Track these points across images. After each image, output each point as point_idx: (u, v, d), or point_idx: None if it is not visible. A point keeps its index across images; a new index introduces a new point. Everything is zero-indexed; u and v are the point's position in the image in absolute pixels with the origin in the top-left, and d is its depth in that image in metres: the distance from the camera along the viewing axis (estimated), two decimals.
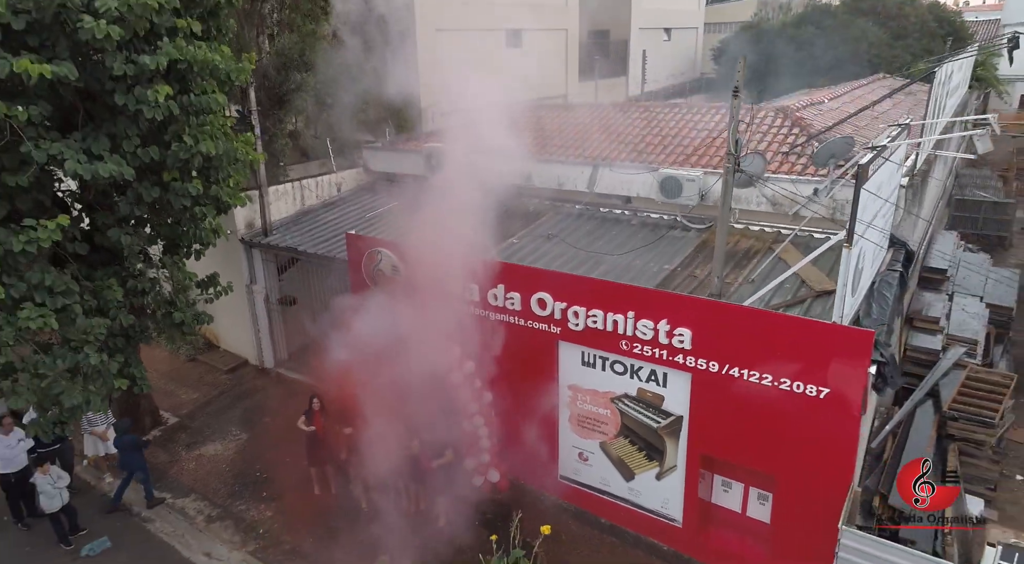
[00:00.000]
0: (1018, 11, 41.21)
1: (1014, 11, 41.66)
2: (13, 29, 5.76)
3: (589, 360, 9.76)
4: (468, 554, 9.13)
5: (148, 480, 10.83)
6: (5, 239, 6.02)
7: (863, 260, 8.31)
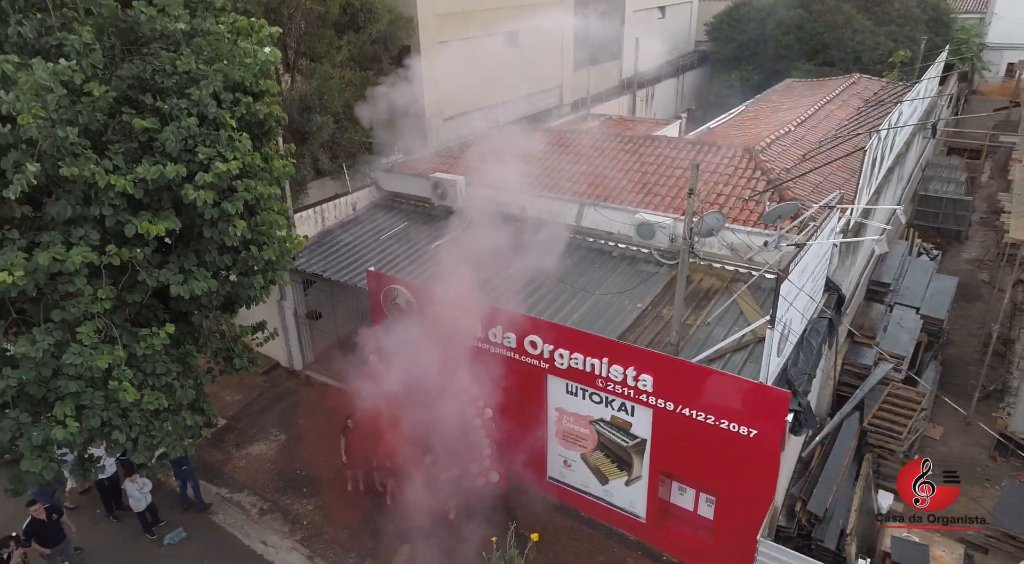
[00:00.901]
0: None
1: None
2: (135, 197, 7.66)
3: (572, 390, 11.93)
4: (474, 544, 11.52)
5: (197, 488, 13.11)
6: (131, 343, 8.05)
7: (788, 327, 10.37)
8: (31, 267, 7.06)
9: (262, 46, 9.14)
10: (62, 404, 7.55)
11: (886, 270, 17.67)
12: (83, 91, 7.29)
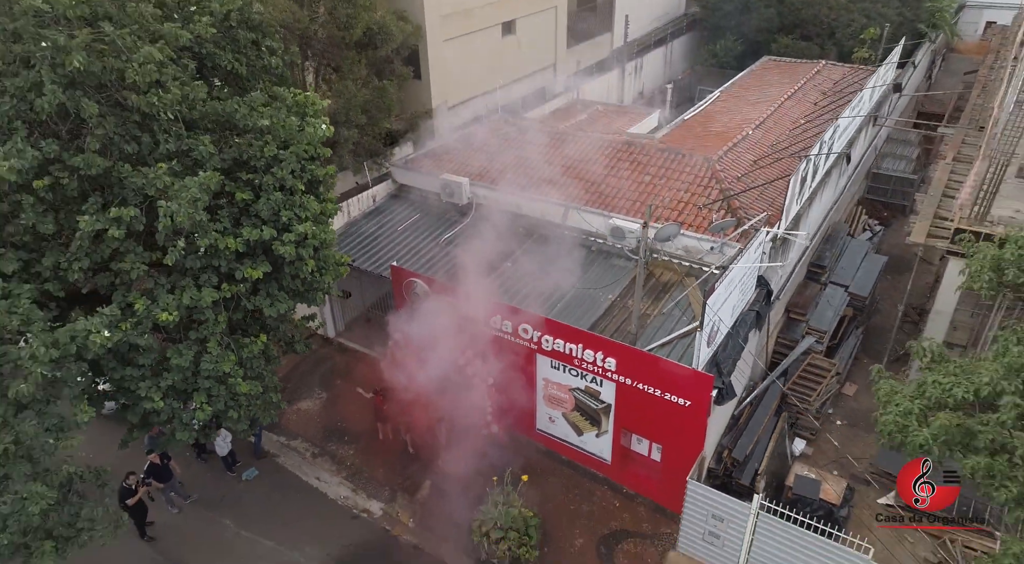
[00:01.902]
0: None
1: None
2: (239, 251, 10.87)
3: (555, 366, 15.39)
4: (480, 482, 15.21)
5: (259, 441, 16.75)
6: (238, 351, 11.39)
7: (716, 325, 13.70)
8: (177, 304, 10.33)
9: (316, 118, 12.12)
10: (198, 395, 10.97)
11: (827, 252, 20.91)
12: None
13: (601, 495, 15.60)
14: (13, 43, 9.09)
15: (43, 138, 9.45)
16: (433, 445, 16.11)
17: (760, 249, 14.88)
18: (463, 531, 14.54)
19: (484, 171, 19.70)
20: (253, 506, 15.56)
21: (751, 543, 12.93)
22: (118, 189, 9.95)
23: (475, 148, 20.67)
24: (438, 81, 23.62)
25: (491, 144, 20.57)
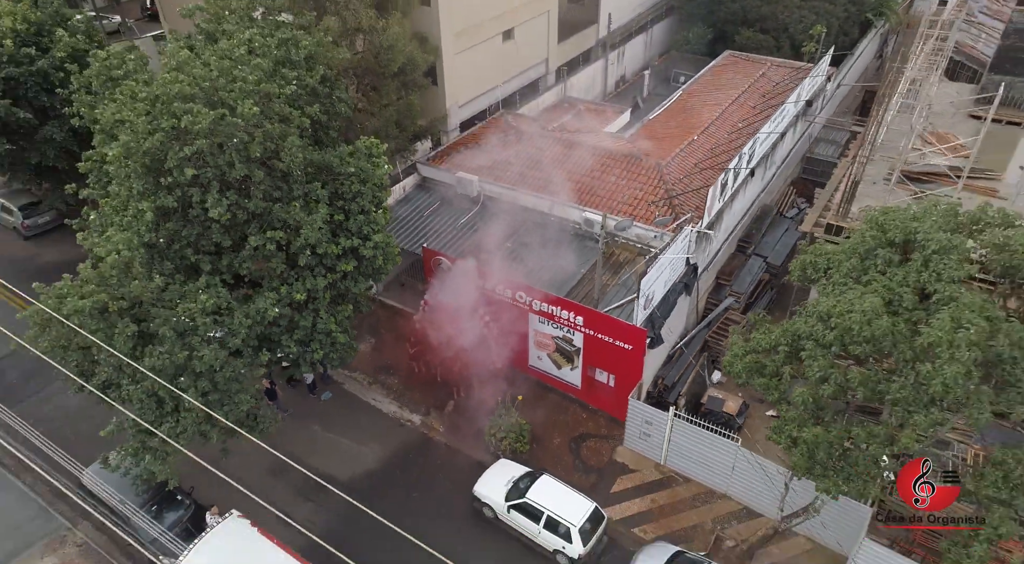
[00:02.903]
0: None
1: None
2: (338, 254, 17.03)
3: (542, 321, 21.80)
4: (487, 401, 21.80)
5: (326, 372, 23.26)
6: (337, 314, 17.70)
7: (651, 296, 20.00)
8: (304, 288, 16.58)
9: (380, 158, 18.12)
10: (315, 344, 17.35)
11: (754, 229, 27.07)
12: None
13: (573, 410, 22.32)
14: (214, 137, 14.97)
15: (227, 190, 15.51)
16: (455, 376, 22.64)
17: (686, 240, 21.09)
18: (478, 434, 21.26)
19: (489, 169, 25.58)
20: (331, 417, 22.25)
21: (669, 438, 19.73)
22: (269, 219, 16.08)
23: (482, 149, 26.47)
24: (451, 86, 29.09)
25: (495, 146, 26.36)
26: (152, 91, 14.97)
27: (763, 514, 18.91)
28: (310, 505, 19.50)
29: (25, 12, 24.95)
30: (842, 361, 13.68)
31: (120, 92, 16.84)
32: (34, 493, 19.64)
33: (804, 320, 14.00)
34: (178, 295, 15.11)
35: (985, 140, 24.38)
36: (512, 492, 18.82)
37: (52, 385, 21.98)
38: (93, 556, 18.17)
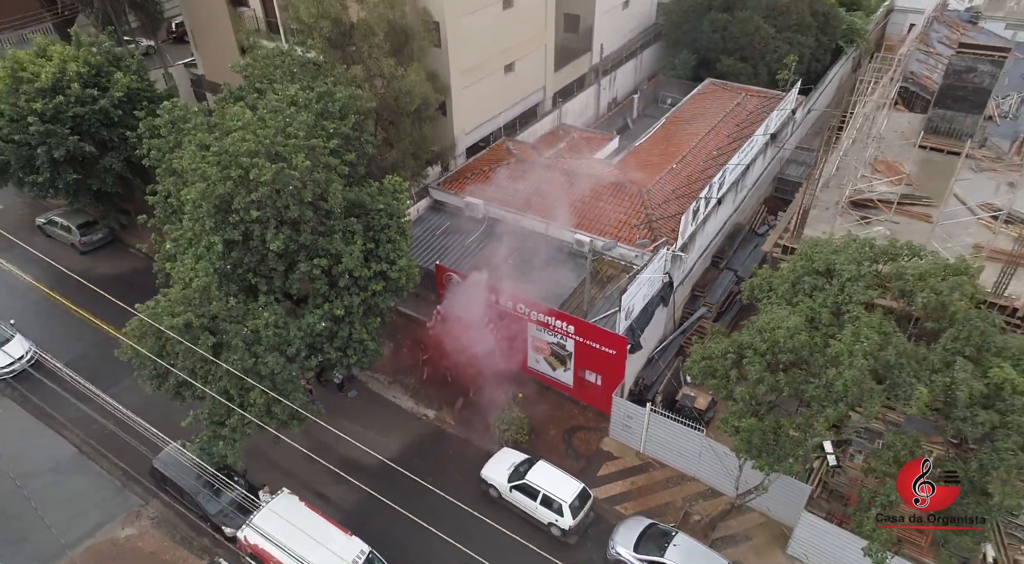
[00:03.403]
0: None
1: None
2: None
3: (539, 329, 25.36)
4: (492, 399, 25.36)
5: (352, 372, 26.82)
6: (367, 325, 21.22)
7: (631, 309, 23.54)
8: (342, 305, 20.15)
9: (403, 193, 21.66)
10: (350, 351, 20.89)
11: (727, 245, 30.63)
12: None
13: (566, 406, 25.92)
14: (274, 184, 18.47)
15: (283, 226, 19.06)
16: (465, 377, 26.19)
17: (662, 260, 24.66)
18: (485, 427, 24.84)
19: (493, 194, 29.08)
20: (357, 412, 25.81)
21: (647, 430, 23.32)
22: (315, 248, 19.63)
23: (486, 175, 30.00)
24: (458, 117, 32.56)
25: (498, 173, 29.87)
26: (223, 147, 18.49)
27: (723, 493, 22.50)
28: (343, 486, 23.02)
29: (86, 56, 28.43)
30: (774, 366, 17.26)
31: (189, 141, 20.43)
32: (110, 475, 23.22)
33: (747, 333, 17.59)
34: (243, 312, 18.67)
35: (927, 169, 27.97)
36: (513, 475, 22.41)
37: (119, 384, 25.51)
38: (165, 527, 21.77)
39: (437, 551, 18.32)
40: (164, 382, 19.35)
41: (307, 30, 25.72)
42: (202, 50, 39.68)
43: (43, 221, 32.84)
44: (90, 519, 21.79)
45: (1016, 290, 21.83)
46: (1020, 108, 35.48)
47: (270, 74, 23.32)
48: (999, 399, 15.00)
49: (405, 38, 27.03)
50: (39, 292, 30.33)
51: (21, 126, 26.44)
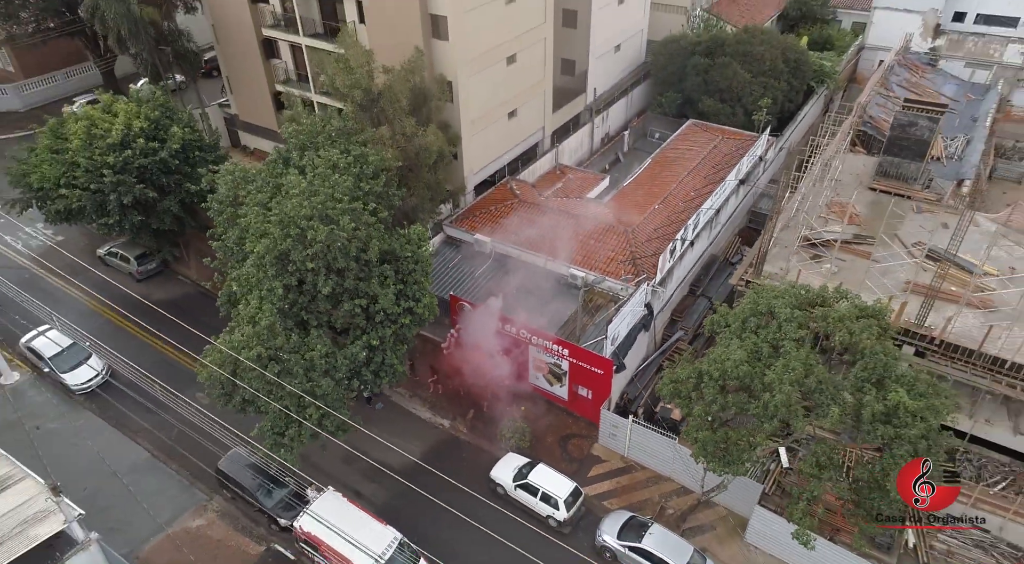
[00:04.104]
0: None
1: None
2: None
3: (538, 351, 29.81)
4: (500, 412, 29.78)
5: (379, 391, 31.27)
6: (396, 350, 25.61)
7: (616, 337, 27.98)
8: (378, 336, 24.60)
9: (425, 242, 26.11)
10: (383, 373, 25.29)
11: (702, 275, 35.07)
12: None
13: (561, 417, 30.37)
14: (326, 242, 22.86)
15: (331, 274, 23.49)
16: (475, 392, 30.58)
17: (643, 293, 29.11)
18: (492, 434, 29.28)
19: (499, 231, 33.48)
20: (383, 422, 30.17)
21: (630, 438, 27.78)
22: (356, 290, 24.06)
23: (492, 214, 34.43)
24: (467, 160, 36.98)
25: (503, 212, 34.30)
26: (285, 211, 22.92)
27: (692, 490, 26.94)
28: (374, 485, 27.50)
29: (147, 113, 32.87)
30: (725, 390, 21.71)
31: (251, 200, 24.90)
32: (179, 475, 27.66)
33: (706, 362, 22.03)
34: (300, 344, 23.11)
35: (876, 210, 32.41)
36: (517, 476, 26.83)
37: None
38: (228, 519, 26.20)
39: (455, 539, 22.76)
40: (231, 399, 23.81)
41: (341, 97, 30.20)
42: (237, 94, 44.14)
43: (103, 252, 37.29)
44: (166, 512, 26.22)
45: (934, 320, 26.26)
46: (965, 150, 39.97)
47: (313, 138, 27.73)
48: (895, 417, 19.44)
49: (423, 99, 31.50)
50: (105, 315, 34.78)
51: (96, 176, 30.86)
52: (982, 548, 24.77)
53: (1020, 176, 43.09)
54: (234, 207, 26.72)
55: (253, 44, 40.05)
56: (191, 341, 25.80)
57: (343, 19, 35.97)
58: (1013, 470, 26.24)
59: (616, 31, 46.44)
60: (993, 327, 25.22)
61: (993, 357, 25.08)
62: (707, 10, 53.31)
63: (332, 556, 23.18)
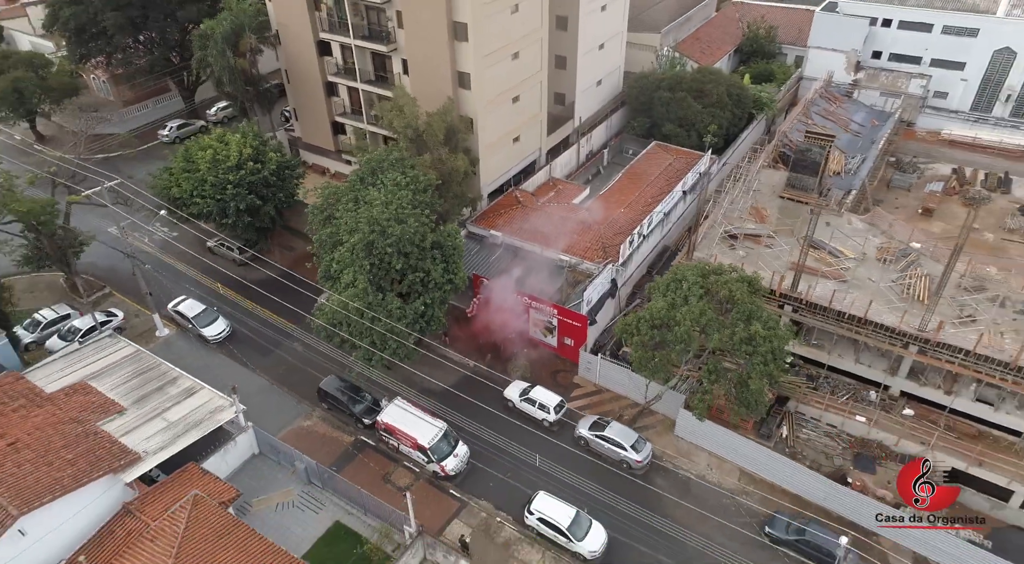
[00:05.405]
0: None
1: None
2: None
3: (537, 311, 42.39)
4: (508, 357, 42.34)
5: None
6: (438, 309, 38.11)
7: (590, 301, 40.54)
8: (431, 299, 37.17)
9: (458, 236, 38.74)
10: (434, 321, 37.84)
11: (658, 259, 47.68)
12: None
13: (554, 359, 43.04)
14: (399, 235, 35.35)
15: (401, 255, 36.06)
16: (492, 340, 43.01)
17: (608, 271, 41.71)
18: (504, 369, 41.90)
19: (507, 227, 45.96)
20: (427, 362, 42.64)
21: (600, 370, 40.51)
22: (417, 267, 36.64)
23: (502, 214, 46.98)
24: (483, 174, 49.48)
25: (510, 213, 46.82)
26: (372, 215, 35.43)
27: (640, 403, 39.57)
28: (425, 399, 40.02)
29: (250, 142, 45.38)
30: (653, 326, 34.28)
31: (343, 209, 37.46)
32: (290, 395, 40.23)
33: (644, 312, 34.61)
34: (381, 301, 35.65)
35: (785, 212, 45.07)
36: (522, 393, 39.42)
37: (280, 347, 42.47)
38: (328, 421, 38.78)
39: (481, 433, 35.36)
40: (332, 338, 36.41)
41: (395, 133, 42.74)
42: (302, 121, 56.70)
43: (212, 244, 49.80)
44: (287, 416, 38.81)
45: (802, 288, 38.82)
46: (860, 167, 52.63)
47: (379, 164, 40.25)
48: (753, 340, 32.10)
49: (453, 133, 44.06)
50: (219, 290, 47.32)
51: (220, 190, 43.42)
52: (830, 437, 37.48)
53: (910, 184, 55.76)
54: (326, 213, 39.28)
55: (318, 86, 52.59)
56: (281, 308, 38.40)
57: (391, 70, 48.53)
58: (855, 387, 38.93)
59: (598, 70, 59.04)
60: (837, 291, 37.87)
61: (839, 311, 37.66)
62: (673, 48, 65.85)
63: (403, 437, 35.80)
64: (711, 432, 36.49)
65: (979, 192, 53.54)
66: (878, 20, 64.21)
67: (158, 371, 36.68)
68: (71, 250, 43.55)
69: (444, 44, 43.59)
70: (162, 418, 33.75)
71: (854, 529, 32.42)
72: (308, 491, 34.43)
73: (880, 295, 38.46)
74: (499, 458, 36.46)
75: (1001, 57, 59.57)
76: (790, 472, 35.13)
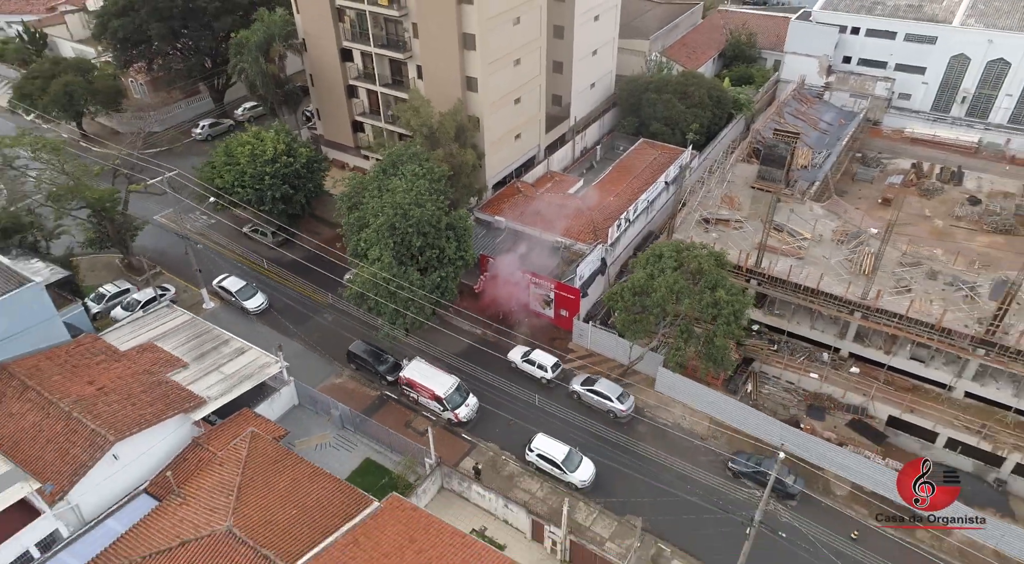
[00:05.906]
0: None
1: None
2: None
3: (537, 286, 48.54)
4: (512, 325, 48.50)
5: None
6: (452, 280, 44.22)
7: (582, 276, 46.69)
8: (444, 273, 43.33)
9: (468, 218, 44.94)
10: (448, 293, 43.97)
11: (642, 243, 53.85)
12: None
13: (551, 328, 49.24)
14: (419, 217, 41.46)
15: (420, 234, 42.21)
16: (498, 311, 49.13)
17: (598, 251, 47.86)
18: (509, 335, 48.04)
19: (510, 213, 52.08)
20: (440, 330, 48.77)
21: (591, 336, 46.76)
22: (434, 245, 42.81)
23: (505, 202, 53.12)
24: (488, 167, 55.55)
25: (512, 201, 52.96)
26: (396, 200, 41.56)
27: (624, 363, 45.73)
28: (440, 363, 46.14)
29: (283, 138, 51.49)
30: (634, 293, 40.43)
31: (369, 196, 43.60)
32: (323, 357, 46.37)
33: (627, 283, 40.78)
34: (403, 273, 41.76)
35: (756, 202, 51.28)
36: (524, 355, 45.58)
37: (311, 320, 48.62)
38: (356, 379, 44.96)
39: (488, 390, 41.53)
40: (363, 303, 42.62)
41: (412, 131, 48.88)
42: (324, 120, 62.82)
43: (248, 229, 55.90)
44: (320, 375, 45.01)
45: (765, 265, 44.94)
46: (826, 161, 58.80)
47: (399, 157, 46.37)
48: (718, 305, 38.27)
49: (462, 130, 50.19)
50: (254, 269, 53.44)
51: (258, 180, 49.56)
52: (788, 392, 43.68)
53: (872, 177, 61.91)
54: (353, 200, 45.43)
55: (341, 89, 58.69)
56: (310, 283, 44.60)
57: (406, 75, 54.65)
58: (810, 350, 45.14)
59: (591, 74, 65.19)
60: (794, 266, 44.04)
61: (795, 284, 43.80)
62: (661, 53, 71.96)
63: (422, 390, 41.98)
64: (686, 387, 42.65)
65: (933, 184, 59.70)
66: (847, 28, 70.24)
67: (211, 334, 42.83)
68: (128, 233, 49.66)
69: (454, 52, 49.68)
70: (219, 371, 39.91)
71: (805, 464, 38.68)
72: (342, 434, 40.61)
73: (831, 270, 44.68)
74: (506, 403, 42.69)
75: (957, 62, 65.64)
76: (753, 419, 41.31)
